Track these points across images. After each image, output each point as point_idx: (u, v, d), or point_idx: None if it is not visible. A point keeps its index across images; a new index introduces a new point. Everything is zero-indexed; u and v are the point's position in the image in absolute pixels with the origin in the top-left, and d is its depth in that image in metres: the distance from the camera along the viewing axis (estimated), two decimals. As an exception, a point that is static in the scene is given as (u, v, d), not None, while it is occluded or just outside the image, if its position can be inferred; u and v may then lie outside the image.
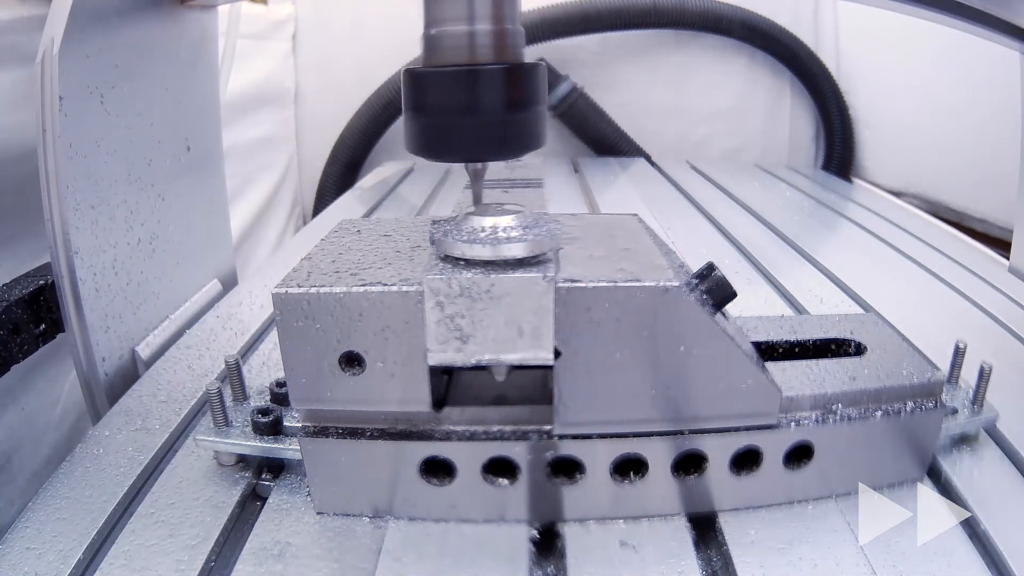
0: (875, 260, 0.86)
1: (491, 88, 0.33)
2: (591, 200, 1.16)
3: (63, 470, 0.42)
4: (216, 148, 0.74)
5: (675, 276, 0.34)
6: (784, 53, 1.51)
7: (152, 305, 0.61)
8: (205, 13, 0.68)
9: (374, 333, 0.34)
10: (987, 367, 0.42)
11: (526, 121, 0.35)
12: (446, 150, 0.35)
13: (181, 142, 0.66)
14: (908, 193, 1.41)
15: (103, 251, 0.54)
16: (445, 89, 0.33)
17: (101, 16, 0.52)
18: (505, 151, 0.35)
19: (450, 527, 0.38)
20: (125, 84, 0.56)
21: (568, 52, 1.52)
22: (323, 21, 1.55)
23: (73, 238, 0.51)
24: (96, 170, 0.53)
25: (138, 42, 0.57)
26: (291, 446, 0.40)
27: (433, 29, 0.34)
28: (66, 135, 0.49)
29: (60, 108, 0.48)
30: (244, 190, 1.30)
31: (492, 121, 0.34)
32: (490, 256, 0.33)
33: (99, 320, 0.54)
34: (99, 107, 0.53)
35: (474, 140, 0.34)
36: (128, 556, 0.35)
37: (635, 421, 0.36)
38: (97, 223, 0.53)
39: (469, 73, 0.33)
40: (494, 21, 0.33)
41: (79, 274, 0.51)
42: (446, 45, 0.34)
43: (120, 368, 0.56)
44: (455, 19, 0.33)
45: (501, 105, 0.33)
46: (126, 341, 0.57)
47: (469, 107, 0.33)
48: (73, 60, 0.49)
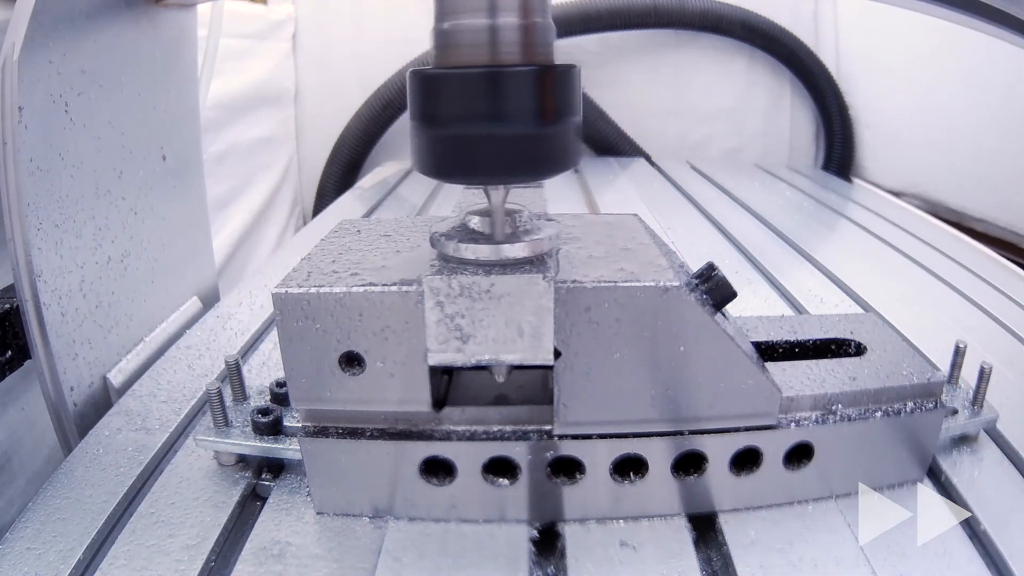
0: (875, 260, 0.86)
1: (519, 94, 0.28)
2: (591, 200, 1.16)
3: (63, 470, 0.42)
4: (195, 156, 0.69)
5: (675, 276, 0.34)
6: (784, 53, 1.52)
7: (124, 328, 0.57)
8: (182, 13, 0.64)
9: (374, 333, 0.34)
10: (987, 367, 0.42)
11: (559, 135, 0.29)
12: (463, 169, 0.30)
13: (156, 151, 0.62)
14: (908, 193, 1.42)
15: (69, 272, 0.50)
16: (462, 95, 0.28)
17: (67, 18, 0.48)
18: (534, 170, 0.29)
19: (450, 527, 0.38)
20: (93, 91, 0.52)
21: (568, 52, 1.52)
22: (323, 21, 1.55)
23: (35, 260, 0.46)
24: (60, 185, 0.49)
25: (108, 45, 0.53)
26: (291, 446, 0.40)
27: (447, 23, 0.29)
28: (27, 148, 0.45)
29: (20, 119, 0.44)
30: (244, 190, 1.30)
31: (520, 134, 0.28)
32: (490, 256, 0.33)
33: (66, 347, 0.50)
34: (63, 116, 0.49)
35: (498, 157, 0.29)
36: (128, 556, 0.35)
37: (635, 421, 0.36)
38: (62, 242, 0.49)
39: (492, 75, 0.28)
40: (521, 13, 0.28)
41: (43, 299, 0.47)
42: (463, 42, 0.28)
43: (90, 396, 0.52)
44: (474, 10, 0.28)
45: (531, 115, 0.28)
46: (96, 368, 0.53)
47: (492, 117, 0.28)
48: (34, 67, 0.46)
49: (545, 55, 0.29)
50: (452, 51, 0.29)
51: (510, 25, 0.28)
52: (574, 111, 0.30)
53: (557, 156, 0.30)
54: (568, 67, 0.30)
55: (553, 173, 0.30)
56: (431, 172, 0.30)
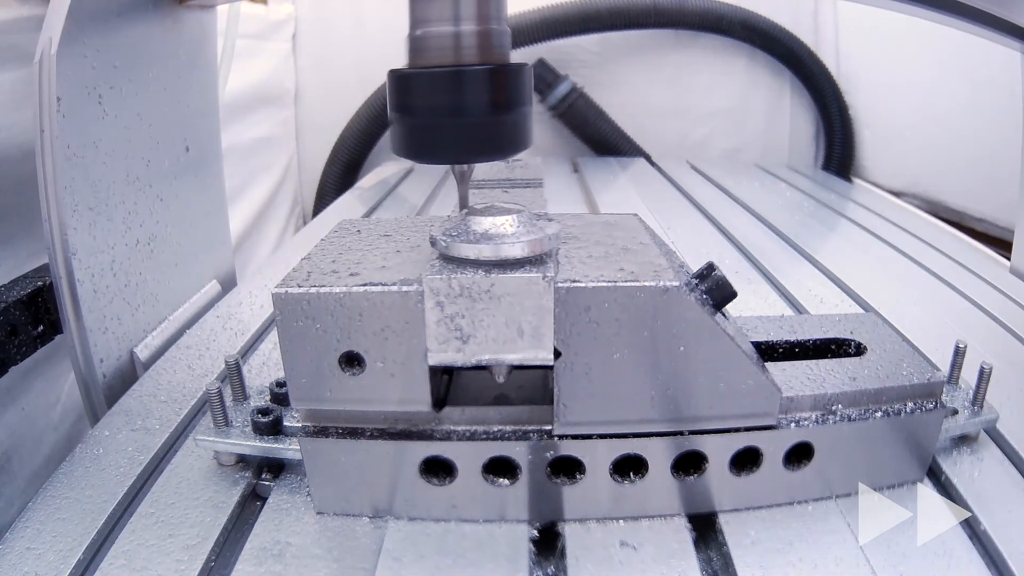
0: (875, 260, 0.86)
1: (476, 89, 0.33)
2: (591, 200, 1.16)
3: (63, 470, 0.42)
4: (215, 149, 0.73)
5: (675, 276, 0.34)
6: (784, 53, 1.52)
7: (151, 306, 0.61)
8: (204, 13, 0.68)
9: (374, 333, 0.34)
10: (987, 367, 0.42)
11: (511, 122, 0.34)
12: (431, 152, 0.35)
13: (180, 143, 0.66)
14: (908, 193, 1.42)
15: (101, 252, 0.54)
16: (430, 90, 0.33)
17: (99, 16, 0.52)
18: (490, 152, 0.35)
19: (450, 527, 0.38)
20: (123, 84, 0.56)
21: (568, 52, 1.52)
22: (323, 21, 1.55)
23: (71, 239, 0.50)
24: (94, 171, 0.53)
25: (136, 42, 0.57)
26: (291, 446, 0.40)
27: (419, 30, 0.34)
28: (64, 136, 0.49)
29: (58, 109, 0.48)
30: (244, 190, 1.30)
31: (477, 122, 0.34)
32: (490, 256, 0.33)
33: (97, 321, 0.53)
34: (97, 108, 0.53)
35: (459, 141, 0.34)
36: (128, 556, 0.35)
37: (635, 421, 0.36)
38: (95, 224, 0.53)
39: (454, 74, 0.33)
40: (479, 21, 0.33)
41: (77, 275, 0.51)
42: (431, 46, 0.34)
43: (118, 369, 0.56)
44: (440, 20, 0.33)
45: (486, 106, 0.33)
46: (124, 342, 0.57)
47: (454, 108, 0.33)
48: (71, 60, 0.49)
49: (500, 55, 0.34)
50: (422, 54, 0.34)
51: (470, 31, 0.33)
52: (524, 102, 0.35)
53: (510, 140, 0.35)
54: (520, 65, 0.34)
55: (507, 154, 0.35)
56: (406, 154, 0.35)
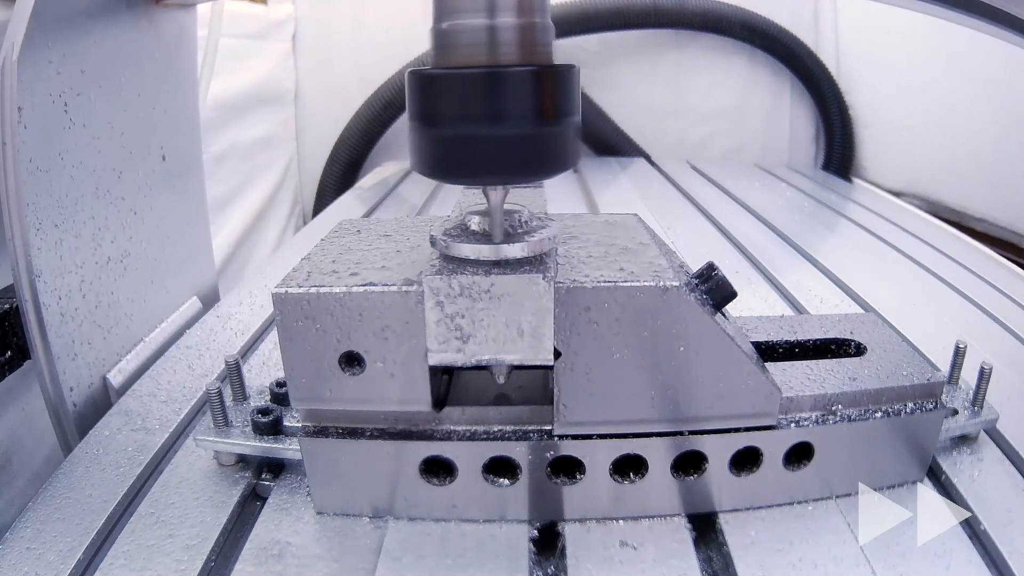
0: (875, 260, 0.86)
1: (517, 94, 0.28)
2: (591, 200, 1.16)
3: (63, 470, 0.42)
4: (195, 156, 0.69)
5: (675, 276, 0.34)
6: (784, 53, 1.52)
7: (124, 328, 0.57)
8: (182, 13, 0.64)
9: (374, 333, 0.34)
10: (987, 368, 0.42)
11: (558, 135, 0.29)
12: (461, 170, 0.30)
13: (155, 151, 0.62)
14: (908, 193, 1.42)
15: (68, 272, 0.50)
16: (461, 95, 0.28)
17: (67, 18, 0.48)
18: (533, 171, 0.29)
19: (450, 527, 0.38)
20: (92, 91, 0.52)
21: (568, 52, 1.52)
22: (323, 21, 1.55)
23: (35, 260, 0.46)
24: (60, 185, 0.49)
25: (108, 45, 0.53)
26: (291, 446, 0.40)
27: (445, 23, 0.29)
28: (26, 149, 0.45)
29: (19, 119, 0.44)
30: (244, 190, 1.30)
31: (518, 135, 0.28)
32: (490, 256, 0.33)
33: (65, 347, 0.50)
34: (63, 116, 0.49)
35: (496, 158, 0.29)
36: (128, 556, 0.35)
37: (635, 421, 0.36)
38: (61, 243, 0.49)
39: (491, 76, 0.28)
40: (520, 13, 0.28)
41: (42, 299, 0.47)
42: (462, 42, 0.28)
43: (90, 396, 0.52)
44: (472, 10, 0.28)
45: (529, 115, 0.28)
46: (96, 368, 0.53)
47: (491, 117, 0.28)
48: (34, 67, 0.45)
49: (544, 55, 0.29)
50: (451, 51, 0.29)
51: (508, 25, 0.28)
52: (573, 111, 0.30)
53: (556, 156, 0.30)
54: (567, 67, 0.30)
55: (552, 173, 0.30)
56: (429, 172, 0.30)
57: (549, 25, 0.30)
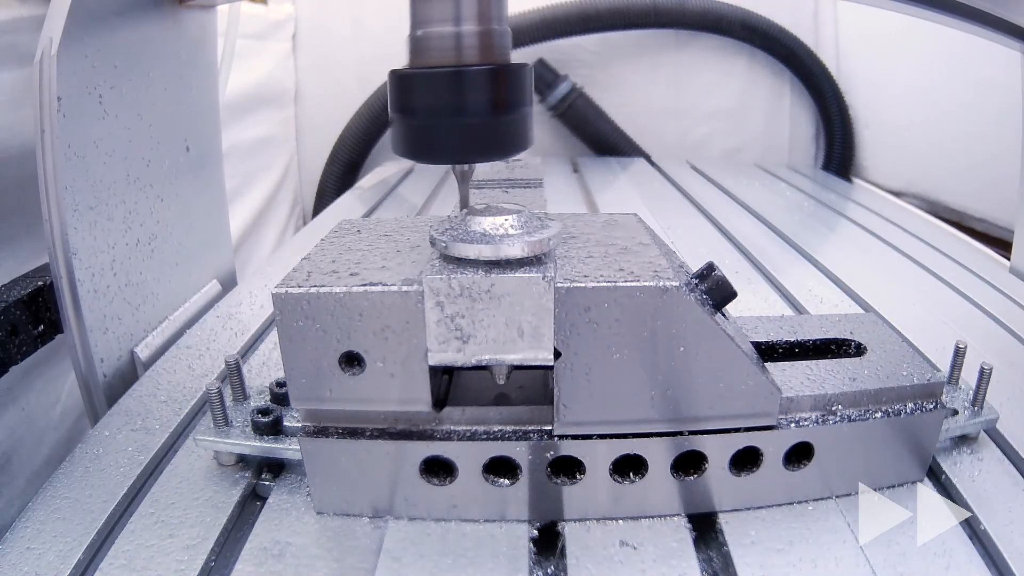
0: (875, 260, 0.86)
1: (477, 89, 0.33)
2: (591, 200, 1.16)
3: (63, 470, 0.42)
4: (215, 149, 0.73)
5: (675, 276, 0.34)
6: (784, 53, 1.52)
7: (151, 306, 0.61)
8: (204, 13, 0.68)
9: (374, 333, 0.34)
10: (987, 368, 0.42)
11: (512, 123, 0.34)
12: (432, 152, 0.35)
13: (180, 143, 0.66)
14: (908, 193, 1.42)
15: (101, 252, 0.54)
16: (431, 90, 0.33)
17: (99, 16, 0.52)
18: (491, 153, 0.35)
19: (450, 527, 0.38)
20: (124, 84, 0.56)
21: (568, 52, 1.52)
22: (323, 21, 1.55)
23: (71, 239, 0.50)
24: (94, 171, 0.53)
25: (137, 42, 0.57)
26: (291, 446, 0.40)
27: (419, 30, 0.34)
28: (64, 136, 0.49)
29: (59, 109, 0.48)
30: (244, 190, 1.30)
31: (478, 122, 0.33)
32: (490, 256, 0.33)
33: (97, 321, 0.53)
34: (98, 108, 0.53)
35: (460, 142, 0.34)
36: (128, 556, 0.35)
37: (635, 421, 0.36)
38: (95, 224, 0.53)
39: (455, 74, 0.33)
40: (480, 22, 0.33)
41: (77, 275, 0.51)
42: (432, 46, 0.33)
43: (119, 369, 0.56)
44: (441, 20, 0.33)
45: (487, 106, 0.33)
46: (125, 342, 0.57)
47: (455, 108, 0.33)
48: (71, 60, 0.49)
49: (501, 56, 0.34)
50: (423, 54, 0.34)
51: (471, 32, 0.33)
52: (525, 102, 0.35)
53: (511, 140, 0.34)
54: (520, 65, 0.34)
55: (508, 154, 0.35)
56: (407, 154, 0.35)
57: (506, 31, 0.34)
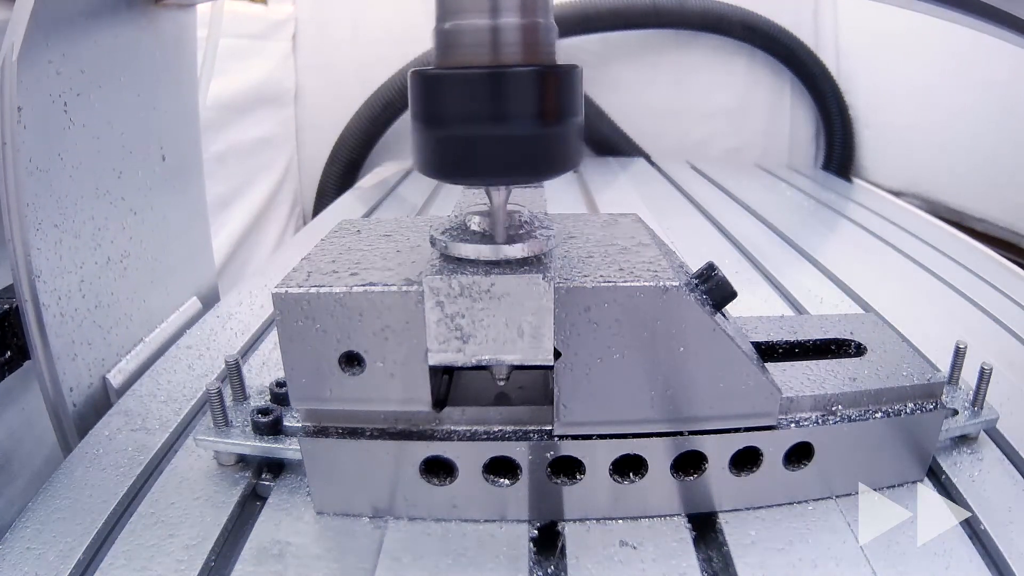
0: (875, 260, 0.86)
1: (520, 94, 0.28)
2: (591, 200, 1.16)
3: (63, 470, 0.42)
4: (195, 157, 0.69)
5: (675, 276, 0.34)
6: (784, 53, 1.52)
7: (124, 328, 0.57)
8: (182, 13, 0.64)
9: (374, 333, 0.34)
10: (987, 368, 0.42)
11: (561, 136, 0.29)
12: (465, 170, 0.29)
13: (155, 151, 0.62)
14: (908, 193, 1.42)
15: (68, 272, 0.50)
16: (464, 95, 0.28)
17: (66, 18, 0.48)
18: (535, 172, 0.29)
19: (450, 527, 0.38)
20: (92, 91, 0.52)
21: (568, 52, 1.52)
22: (323, 21, 1.55)
23: (35, 260, 0.46)
24: (59, 185, 0.49)
25: (108, 45, 0.53)
26: (291, 446, 0.40)
27: (448, 22, 0.29)
28: (26, 149, 0.45)
29: (19, 120, 0.44)
30: (244, 190, 1.30)
31: (521, 135, 0.28)
32: (490, 256, 0.33)
33: (65, 347, 0.50)
34: (63, 117, 0.49)
35: (499, 158, 0.29)
36: (128, 556, 0.35)
37: (635, 421, 0.36)
38: (61, 242, 0.49)
39: (494, 76, 0.28)
40: (523, 13, 0.28)
41: (42, 299, 0.47)
42: (465, 42, 0.28)
43: (90, 397, 0.52)
44: (476, 10, 0.28)
45: (532, 115, 0.28)
46: (96, 368, 0.53)
47: (493, 118, 0.28)
48: (33, 67, 0.45)
49: (547, 55, 0.29)
50: (454, 51, 0.29)
51: (511, 25, 0.28)
52: (576, 111, 0.30)
53: (559, 157, 0.29)
54: (570, 67, 0.29)
55: (555, 174, 0.30)
56: (432, 172, 0.30)
57: (552, 25, 0.29)
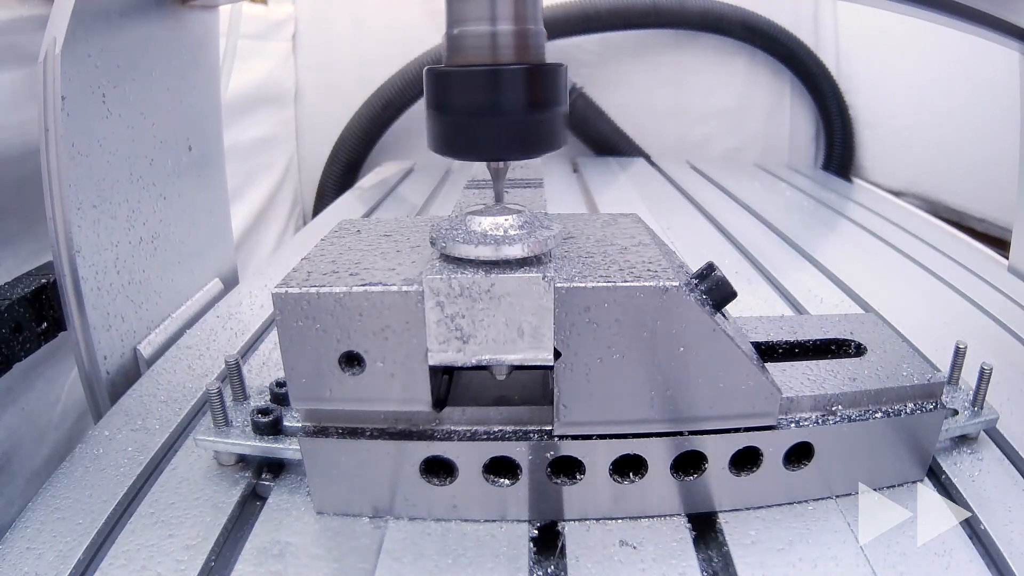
0: (875, 260, 0.86)
1: (513, 88, 0.34)
2: (591, 200, 1.16)
3: (63, 470, 0.42)
4: (217, 148, 0.74)
5: (675, 276, 0.34)
6: (784, 53, 1.52)
7: (154, 304, 0.62)
8: (206, 13, 0.68)
9: (374, 333, 0.34)
10: (987, 368, 0.42)
11: (547, 121, 0.35)
12: (468, 149, 0.35)
13: (183, 142, 0.66)
14: (908, 193, 1.42)
15: (105, 250, 0.55)
16: (467, 89, 0.34)
17: (103, 16, 0.52)
18: (526, 150, 0.35)
19: (450, 527, 0.38)
20: (127, 84, 0.56)
21: (568, 52, 1.52)
22: (323, 21, 1.55)
23: (75, 237, 0.51)
24: (98, 169, 0.53)
25: (140, 42, 0.58)
26: (291, 446, 0.40)
27: (456, 29, 0.34)
28: (68, 135, 0.50)
29: (62, 108, 0.49)
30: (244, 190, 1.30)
31: (513, 121, 0.34)
32: (490, 256, 0.33)
33: (101, 319, 0.54)
34: (101, 107, 0.53)
35: (496, 139, 0.34)
36: (128, 556, 0.35)
37: (635, 421, 0.36)
38: (99, 222, 0.54)
39: (491, 73, 0.33)
40: (516, 21, 0.34)
41: (81, 273, 0.51)
42: (468, 45, 0.34)
43: (122, 366, 0.56)
44: (477, 19, 0.34)
45: (522, 105, 0.34)
46: (128, 339, 0.57)
47: (491, 107, 0.34)
48: (75, 60, 0.50)
49: (536, 55, 0.34)
50: (460, 52, 0.34)
51: (506, 31, 0.33)
52: (560, 102, 0.35)
53: (545, 138, 0.35)
54: (555, 65, 0.35)
55: (542, 152, 0.35)
56: (442, 150, 0.35)
57: (541, 31, 0.35)
